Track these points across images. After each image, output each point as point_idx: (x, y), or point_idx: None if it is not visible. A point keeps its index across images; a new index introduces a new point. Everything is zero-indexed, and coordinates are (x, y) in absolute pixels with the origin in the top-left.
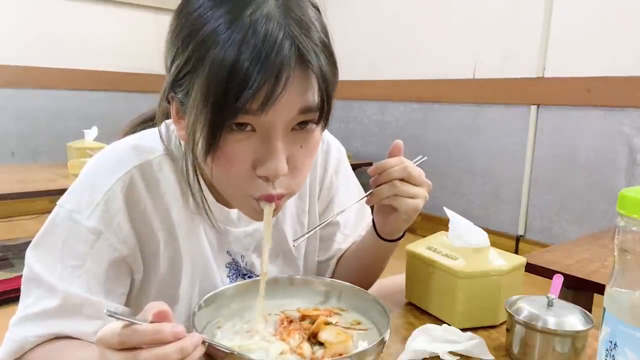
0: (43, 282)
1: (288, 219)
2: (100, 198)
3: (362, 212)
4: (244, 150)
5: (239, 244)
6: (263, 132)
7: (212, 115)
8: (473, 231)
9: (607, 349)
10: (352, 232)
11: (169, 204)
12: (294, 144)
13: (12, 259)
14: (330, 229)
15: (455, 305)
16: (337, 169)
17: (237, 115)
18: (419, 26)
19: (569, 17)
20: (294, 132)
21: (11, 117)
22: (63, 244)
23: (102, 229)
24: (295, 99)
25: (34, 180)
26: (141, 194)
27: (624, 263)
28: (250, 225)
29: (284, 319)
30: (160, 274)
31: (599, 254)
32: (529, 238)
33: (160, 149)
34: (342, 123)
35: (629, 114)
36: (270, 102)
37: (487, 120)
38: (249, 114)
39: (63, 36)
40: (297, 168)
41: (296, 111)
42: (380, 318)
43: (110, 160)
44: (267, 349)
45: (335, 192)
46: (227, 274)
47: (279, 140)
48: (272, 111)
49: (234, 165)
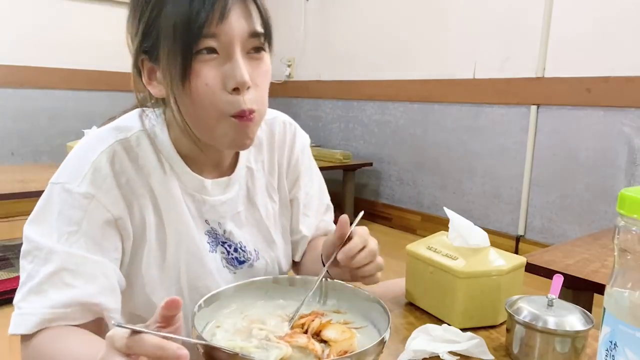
0: (42, 248)
1: (259, 191)
2: (88, 167)
3: (322, 197)
4: (213, 70)
5: (215, 212)
6: (225, 52)
7: (181, 42)
8: (473, 231)
9: (607, 349)
10: (315, 214)
11: (149, 175)
12: (250, 66)
13: (12, 259)
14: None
15: (455, 305)
16: (302, 149)
17: (201, 37)
18: (419, 26)
19: (569, 17)
20: (249, 55)
21: (11, 117)
22: (58, 213)
23: (93, 192)
24: (243, 21)
25: (34, 180)
26: (124, 165)
27: (624, 263)
28: (225, 195)
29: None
30: (147, 242)
31: (599, 254)
32: (529, 238)
33: (137, 127)
34: (342, 123)
35: (629, 114)
36: (224, 16)
37: (487, 120)
38: (210, 37)
39: (63, 36)
40: (258, 85)
41: (247, 33)
42: (380, 318)
43: (94, 138)
44: (267, 351)
45: (301, 171)
46: (207, 240)
47: (239, 56)
48: (228, 28)
49: (208, 85)
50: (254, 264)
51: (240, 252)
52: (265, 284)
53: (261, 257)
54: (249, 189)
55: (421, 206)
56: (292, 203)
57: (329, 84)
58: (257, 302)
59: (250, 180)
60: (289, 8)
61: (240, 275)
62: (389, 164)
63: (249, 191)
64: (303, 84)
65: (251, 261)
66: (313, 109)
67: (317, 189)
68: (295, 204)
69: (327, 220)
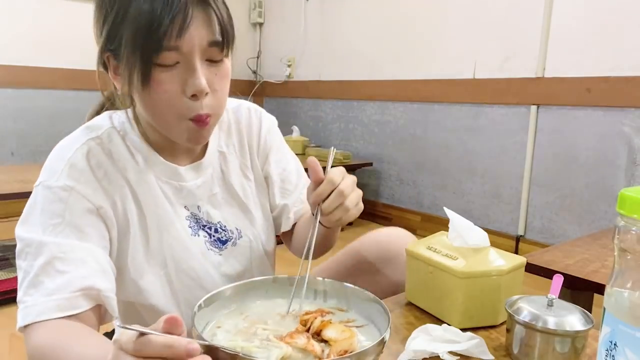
0: (32, 244)
1: (233, 172)
2: (65, 163)
3: (300, 172)
4: (173, 78)
5: (192, 196)
6: (185, 60)
7: (142, 53)
8: (473, 231)
9: (607, 349)
10: (295, 188)
11: (125, 169)
12: (209, 72)
13: (12, 259)
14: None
15: (455, 305)
16: (269, 130)
17: (162, 50)
18: (419, 26)
19: (569, 17)
20: (208, 62)
21: (11, 117)
22: (42, 210)
23: (72, 184)
24: (202, 31)
25: (33, 181)
26: (100, 159)
27: (624, 263)
28: (199, 178)
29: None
30: (131, 231)
31: (599, 254)
32: (529, 238)
33: (106, 124)
34: (342, 123)
35: (629, 114)
36: (184, 30)
37: (487, 120)
38: (171, 50)
39: (63, 36)
40: (216, 91)
41: (206, 42)
42: (380, 318)
43: (67, 140)
44: (268, 351)
45: (270, 149)
46: (189, 224)
47: (198, 65)
48: (188, 40)
49: (167, 91)
50: (237, 242)
51: (221, 231)
52: (264, 283)
53: (244, 234)
54: (223, 172)
55: (421, 206)
56: (266, 180)
57: (329, 84)
58: (256, 302)
59: (224, 162)
60: (289, 8)
61: (226, 255)
62: (389, 164)
63: (224, 173)
64: (303, 84)
65: (234, 239)
66: (313, 109)
67: (293, 165)
68: (270, 180)
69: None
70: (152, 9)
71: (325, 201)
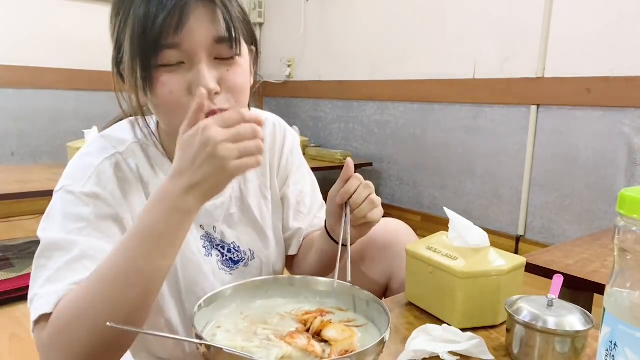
0: (59, 242)
1: (252, 192)
2: (92, 171)
3: (315, 194)
4: (178, 77)
5: (209, 216)
6: (189, 59)
7: (140, 54)
8: (473, 231)
9: (607, 349)
10: (309, 212)
11: (148, 183)
12: (220, 69)
13: (12, 259)
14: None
15: (455, 305)
16: (292, 150)
17: (161, 49)
18: (419, 26)
19: (569, 17)
20: (217, 60)
21: (11, 117)
22: (64, 214)
23: (98, 192)
24: (205, 26)
25: (34, 180)
26: (127, 173)
27: (624, 263)
28: (218, 199)
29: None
30: None
31: (599, 254)
32: (529, 238)
33: (129, 139)
34: (342, 123)
35: (629, 114)
36: (181, 26)
37: (487, 120)
38: (171, 48)
39: (63, 36)
40: (231, 87)
41: (211, 39)
42: (380, 318)
43: (92, 148)
44: (268, 350)
45: (291, 171)
46: (203, 244)
47: (203, 63)
48: (189, 37)
49: (173, 92)
50: (249, 263)
51: (234, 252)
52: (264, 283)
53: (256, 256)
54: (242, 191)
55: (421, 206)
56: (282, 201)
57: (329, 84)
58: (256, 302)
59: (243, 182)
60: (289, 8)
61: (236, 276)
62: (389, 164)
63: (242, 193)
64: (303, 84)
65: (246, 261)
66: (313, 109)
67: (309, 186)
68: (286, 202)
69: (321, 217)
70: (147, 9)
71: (354, 194)
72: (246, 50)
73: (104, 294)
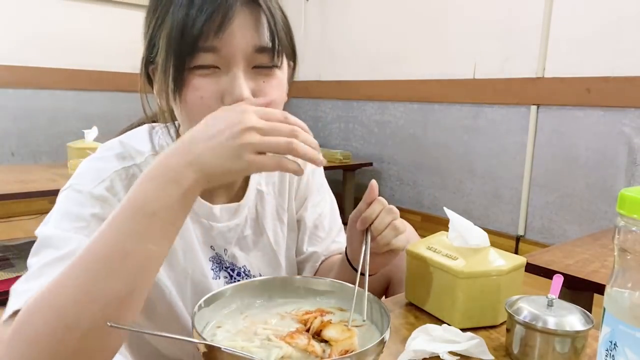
0: (51, 239)
1: (268, 213)
2: (107, 175)
3: (335, 217)
4: (211, 83)
5: (222, 238)
6: (225, 67)
7: (175, 55)
8: (473, 231)
9: (607, 349)
10: (327, 235)
11: None
12: (256, 79)
13: (12, 259)
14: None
15: (455, 305)
16: (313, 171)
17: (197, 51)
18: (419, 26)
19: (569, 17)
20: (255, 70)
21: (11, 117)
22: (66, 211)
23: (108, 196)
24: (248, 33)
25: (34, 180)
26: None
27: (624, 263)
28: (232, 221)
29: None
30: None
31: (599, 254)
32: (529, 238)
33: (147, 150)
34: (342, 123)
35: (629, 114)
36: (223, 29)
37: (487, 120)
38: (208, 51)
39: (63, 36)
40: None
41: (252, 47)
42: (380, 318)
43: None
44: (268, 350)
45: (310, 192)
46: (211, 267)
47: (240, 71)
48: (229, 42)
49: (204, 98)
50: None
51: (244, 275)
52: (264, 283)
53: None
54: (258, 213)
55: (421, 206)
56: (298, 224)
57: (329, 84)
58: (256, 302)
59: (260, 203)
60: (289, 8)
61: None
62: (389, 164)
63: (258, 215)
64: (303, 84)
65: None
66: (313, 109)
67: (329, 209)
68: (302, 225)
69: (340, 242)
70: (189, 9)
71: (376, 220)
72: (285, 63)
73: (76, 284)
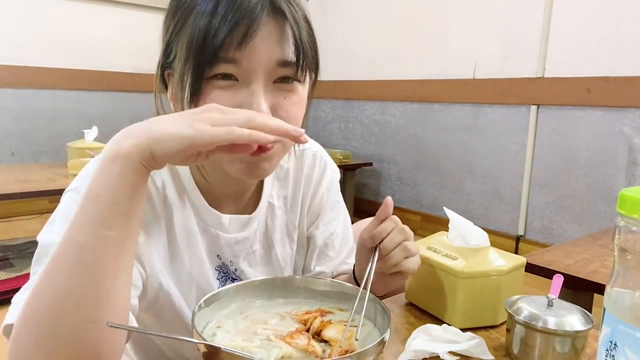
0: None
1: (278, 228)
2: None
3: (347, 238)
4: (228, 97)
5: (229, 249)
6: (245, 80)
7: (194, 64)
8: (473, 231)
9: (607, 349)
10: (336, 255)
11: (173, 204)
12: (277, 95)
13: (12, 259)
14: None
15: (455, 305)
16: (329, 187)
17: (217, 62)
18: (419, 26)
19: (569, 17)
20: (276, 84)
21: (11, 117)
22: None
23: None
24: (271, 46)
25: (34, 180)
26: (151, 193)
27: (624, 263)
28: (241, 233)
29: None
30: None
31: (599, 254)
32: (529, 238)
33: None
34: (342, 123)
35: (629, 114)
36: (246, 41)
37: (487, 120)
38: (228, 62)
39: (63, 36)
40: (284, 118)
41: (274, 61)
42: (380, 318)
43: None
44: (268, 350)
45: (323, 209)
46: (217, 276)
47: (261, 85)
48: (251, 55)
49: None
50: None
51: None
52: (264, 283)
53: None
54: (267, 227)
55: (421, 206)
56: (308, 241)
57: (329, 84)
58: (256, 302)
59: (270, 217)
60: None
61: None
62: (389, 164)
63: (267, 229)
64: None
65: None
66: (313, 109)
67: (342, 229)
68: (312, 242)
69: (349, 263)
70: (212, 16)
71: (385, 238)
72: (308, 77)
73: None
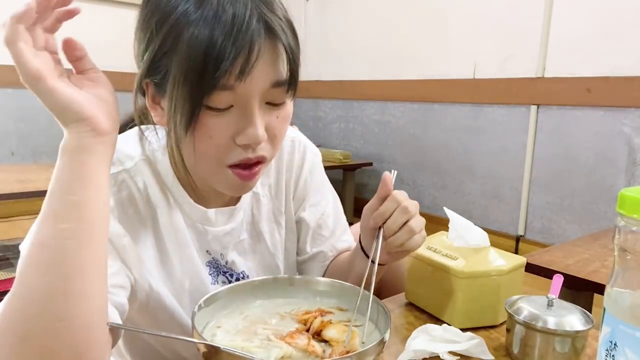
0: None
1: (265, 216)
2: None
3: (339, 216)
4: (223, 123)
5: (218, 243)
6: (241, 105)
7: (191, 91)
8: (473, 231)
9: (607, 349)
10: (331, 234)
11: (156, 205)
12: (270, 115)
13: (12, 259)
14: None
15: (455, 305)
16: (311, 170)
17: (215, 89)
18: (419, 26)
19: (569, 17)
20: (268, 105)
21: (11, 117)
22: None
23: None
24: (268, 69)
25: (34, 180)
26: (133, 194)
27: (624, 263)
28: (228, 224)
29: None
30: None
31: (599, 254)
32: (529, 238)
33: (137, 155)
34: (342, 123)
35: (629, 114)
36: (247, 71)
37: (487, 120)
38: (226, 89)
39: (63, 36)
40: (275, 136)
41: (269, 83)
42: (380, 318)
43: None
44: (268, 350)
45: (308, 192)
46: (209, 272)
47: (256, 108)
48: (249, 81)
49: (213, 137)
50: None
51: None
52: (264, 283)
53: None
54: (253, 216)
55: (421, 206)
56: (298, 224)
57: (329, 84)
58: (256, 302)
59: (256, 205)
60: (289, 8)
61: None
62: (389, 164)
63: (254, 217)
64: (303, 84)
65: None
66: (313, 109)
67: (332, 208)
68: (303, 225)
69: (347, 240)
70: (211, 35)
71: (389, 220)
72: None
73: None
